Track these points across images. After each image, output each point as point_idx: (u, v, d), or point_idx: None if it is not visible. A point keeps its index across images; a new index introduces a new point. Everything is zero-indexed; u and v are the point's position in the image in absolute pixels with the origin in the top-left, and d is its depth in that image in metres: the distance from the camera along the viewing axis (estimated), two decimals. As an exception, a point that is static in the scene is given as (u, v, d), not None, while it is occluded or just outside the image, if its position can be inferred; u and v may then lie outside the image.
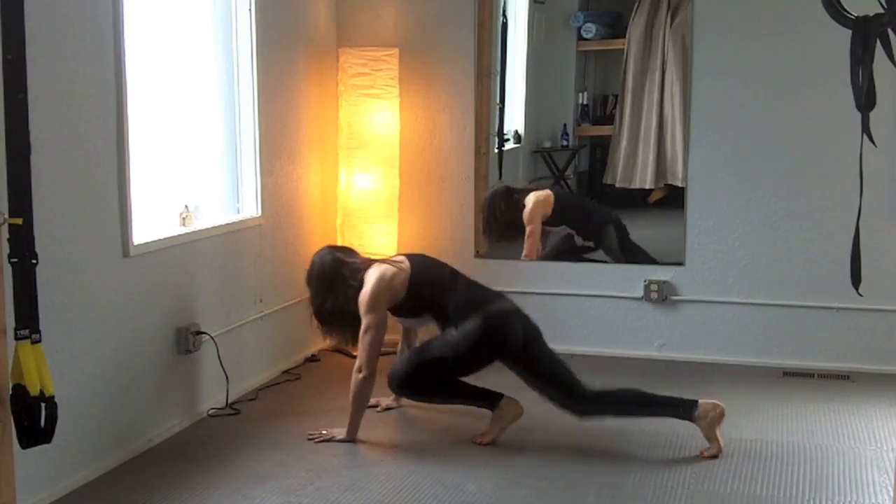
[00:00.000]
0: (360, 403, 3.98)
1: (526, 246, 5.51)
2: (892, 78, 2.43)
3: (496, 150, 5.67)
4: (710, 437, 3.85)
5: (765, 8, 5.00)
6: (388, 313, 4.04)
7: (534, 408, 4.16)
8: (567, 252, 5.53)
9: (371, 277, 3.99)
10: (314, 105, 5.28)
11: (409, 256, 4.16)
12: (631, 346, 5.30)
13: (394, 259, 4.15)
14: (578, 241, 5.56)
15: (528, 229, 5.50)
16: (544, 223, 5.54)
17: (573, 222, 5.57)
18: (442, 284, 4.05)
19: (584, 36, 5.76)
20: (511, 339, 3.96)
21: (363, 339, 3.93)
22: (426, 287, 4.04)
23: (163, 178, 4.20)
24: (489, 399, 4.00)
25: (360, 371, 3.93)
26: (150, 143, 4.06)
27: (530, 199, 5.52)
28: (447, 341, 3.96)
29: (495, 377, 4.05)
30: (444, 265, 4.18)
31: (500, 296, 4.09)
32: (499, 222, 5.58)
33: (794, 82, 4.97)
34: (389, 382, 4.06)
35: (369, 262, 4.11)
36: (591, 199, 5.94)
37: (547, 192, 5.62)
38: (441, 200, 5.50)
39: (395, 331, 4.27)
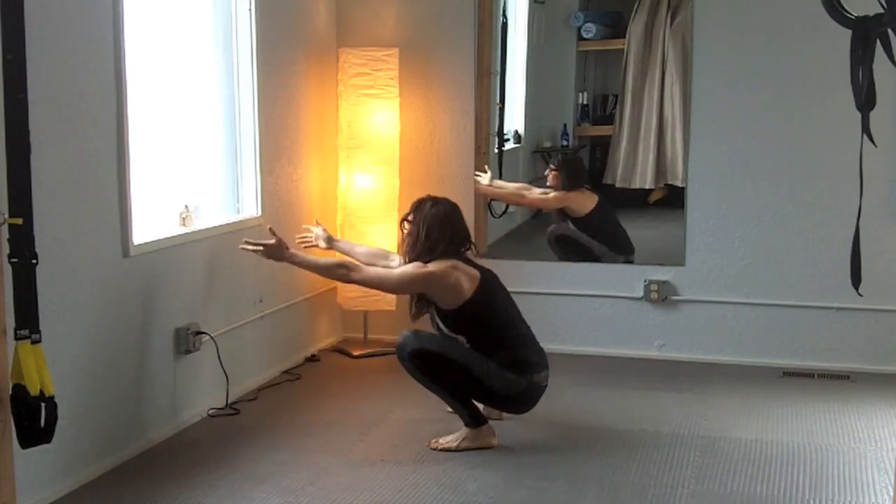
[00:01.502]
0: (317, 270, 4.07)
1: (530, 194, 5.65)
2: (892, 78, 2.43)
3: (496, 150, 5.67)
4: (461, 441, 3.88)
5: (765, 8, 5.00)
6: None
7: (534, 408, 4.16)
8: (563, 237, 5.56)
9: (435, 265, 3.85)
10: (314, 105, 5.28)
11: (484, 280, 3.92)
12: (631, 346, 5.30)
13: (470, 270, 3.91)
14: (582, 239, 5.54)
15: (546, 195, 5.58)
16: (571, 218, 5.54)
17: (594, 233, 5.52)
18: (492, 329, 3.92)
19: (584, 36, 5.77)
20: (528, 408, 3.98)
21: (394, 272, 3.94)
22: (473, 322, 3.91)
23: (163, 178, 4.20)
24: (475, 417, 3.92)
25: (352, 270, 3.91)
26: (150, 143, 4.06)
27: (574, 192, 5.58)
28: (484, 367, 3.83)
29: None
30: (505, 310, 4.00)
31: (543, 361, 3.96)
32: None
33: (794, 82, 4.97)
34: (402, 346, 3.86)
35: (458, 253, 3.95)
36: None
37: (593, 195, 5.58)
38: (441, 200, 5.49)
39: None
